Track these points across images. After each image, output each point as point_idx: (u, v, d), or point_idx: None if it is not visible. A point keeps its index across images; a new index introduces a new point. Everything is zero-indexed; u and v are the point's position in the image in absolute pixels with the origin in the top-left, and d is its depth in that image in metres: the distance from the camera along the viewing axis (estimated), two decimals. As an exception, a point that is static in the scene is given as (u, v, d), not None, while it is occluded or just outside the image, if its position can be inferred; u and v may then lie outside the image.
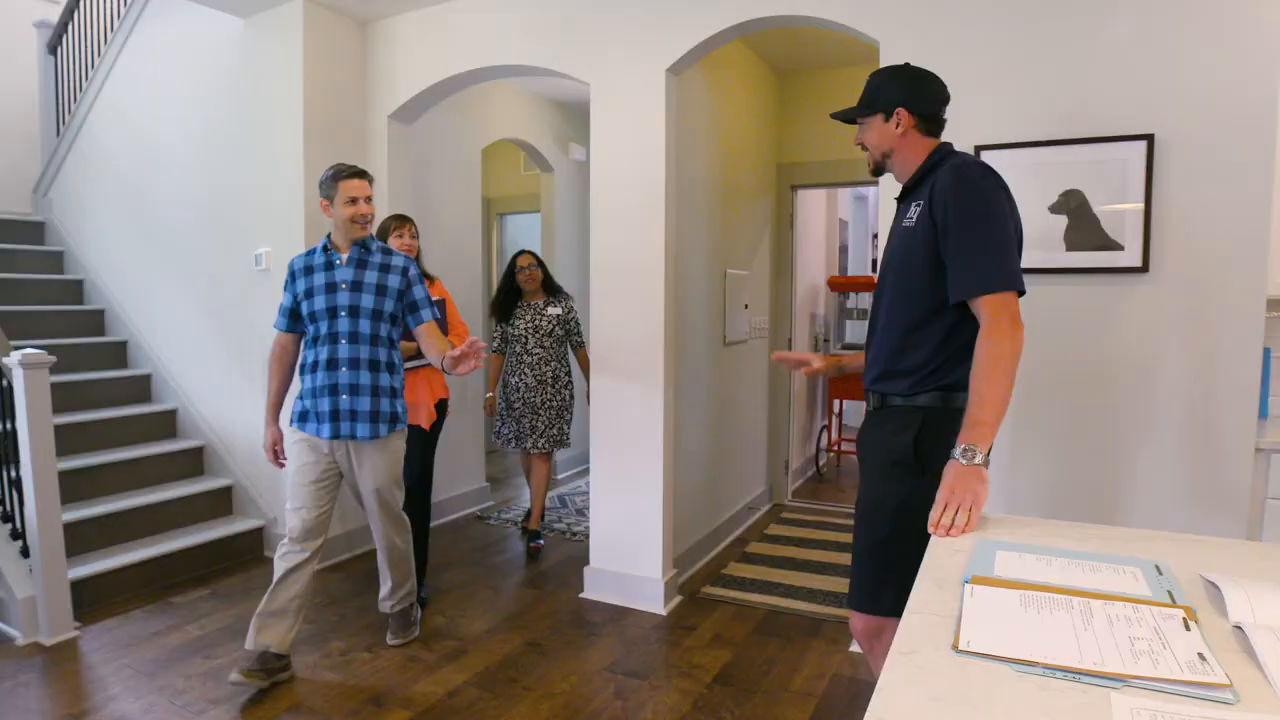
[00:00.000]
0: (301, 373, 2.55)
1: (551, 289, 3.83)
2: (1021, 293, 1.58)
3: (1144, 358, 2.39)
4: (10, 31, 5.26)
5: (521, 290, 3.81)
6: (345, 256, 2.52)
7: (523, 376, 3.77)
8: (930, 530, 1.43)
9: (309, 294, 2.50)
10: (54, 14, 5.07)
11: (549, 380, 3.79)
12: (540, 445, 3.79)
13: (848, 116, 1.89)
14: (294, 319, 2.57)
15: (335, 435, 2.51)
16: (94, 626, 2.96)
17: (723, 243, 3.86)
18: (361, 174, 2.50)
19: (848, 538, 4.07)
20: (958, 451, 1.50)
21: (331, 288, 2.49)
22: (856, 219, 6.86)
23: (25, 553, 2.97)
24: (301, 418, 2.55)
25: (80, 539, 3.25)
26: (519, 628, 3.00)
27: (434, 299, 2.94)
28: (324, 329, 2.48)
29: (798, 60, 4.36)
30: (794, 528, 4.28)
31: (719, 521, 3.94)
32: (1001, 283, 1.56)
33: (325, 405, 2.49)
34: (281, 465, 2.59)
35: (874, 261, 7.48)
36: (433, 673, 2.63)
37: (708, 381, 3.76)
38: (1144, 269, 2.38)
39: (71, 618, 2.91)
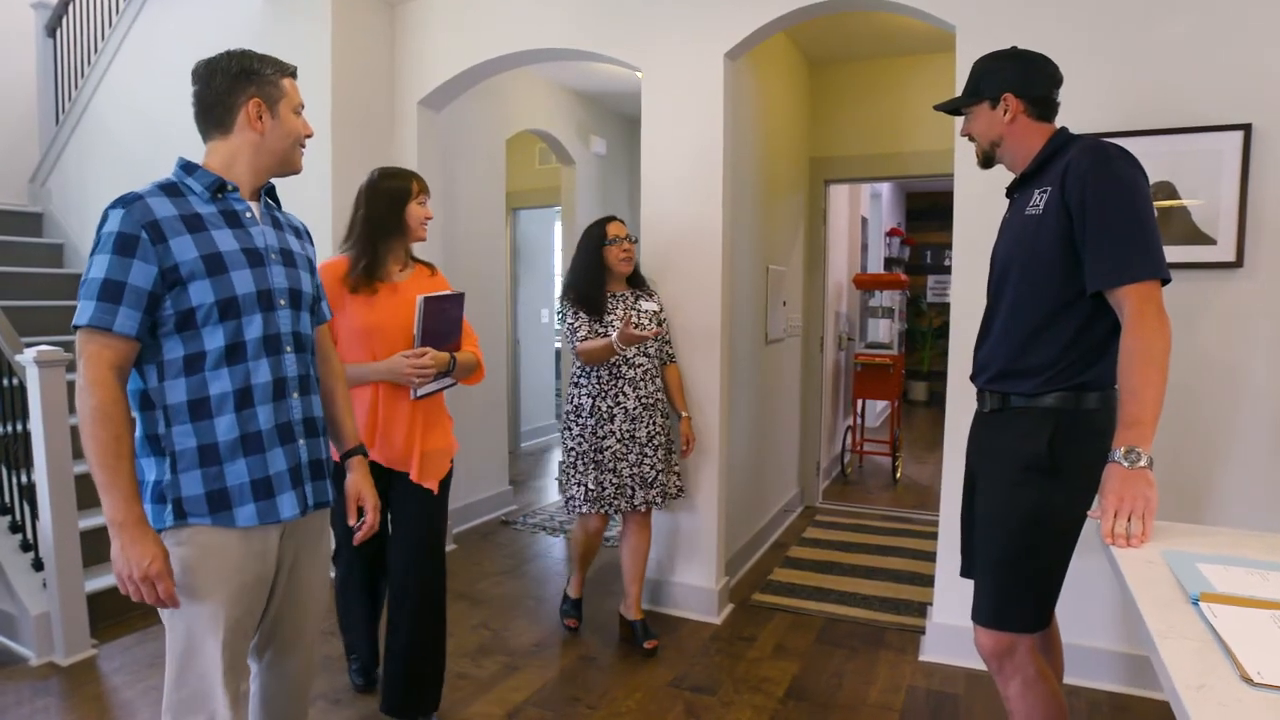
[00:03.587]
0: (203, 415, 1.36)
1: (637, 278, 2.82)
2: (1166, 281, 1.48)
3: (1236, 356, 2.30)
4: (6, 12, 4.99)
5: (606, 273, 2.71)
6: (256, 208, 1.48)
7: (621, 399, 2.66)
8: (1105, 541, 1.31)
9: (213, 266, 1.35)
10: (51, -6, 4.81)
11: (656, 404, 2.73)
12: (653, 500, 2.70)
13: (952, 107, 1.79)
14: (152, 314, 1.34)
15: (303, 510, 1.47)
16: (112, 644, 2.76)
17: (764, 238, 3.73)
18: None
19: (887, 541, 3.97)
20: (1119, 454, 1.39)
21: (254, 257, 1.42)
22: (874, 216, 6.78)
23: (38, 565, 2.77)
24: (218, 500, 1.36)
25: (93, 549, 3.03)
26: (570, 641, 2.84)
27: (449, 294, 2.15)
28: (254, 330, 1.39)
29: (833, 51, 4.24)
30: (831, 530, 4.16)
31: (760, 525, 3.82)
32: (1146, 271, 1.46)
33: (281, 462, 1.43)
34: (175, 601, 1.39)
35: (887, 260, 7.41)
36: (487, 691, 2.47)
37: (750, 381, 3.62)
38: (1238, 264, 2.29)
39: (89, 635, 2.71)
